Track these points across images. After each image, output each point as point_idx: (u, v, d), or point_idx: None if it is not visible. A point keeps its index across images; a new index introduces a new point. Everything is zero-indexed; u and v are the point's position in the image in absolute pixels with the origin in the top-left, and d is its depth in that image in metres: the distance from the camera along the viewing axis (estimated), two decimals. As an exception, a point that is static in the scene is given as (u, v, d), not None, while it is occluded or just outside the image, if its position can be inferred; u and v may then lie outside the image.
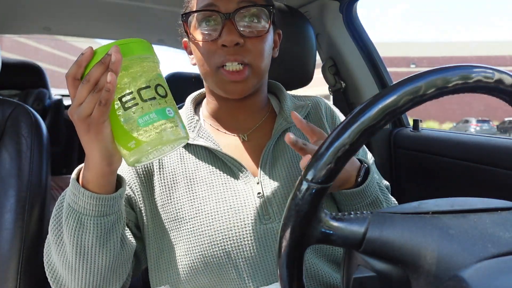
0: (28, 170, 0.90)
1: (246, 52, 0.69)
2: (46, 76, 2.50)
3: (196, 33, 0.72)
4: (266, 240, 0.69)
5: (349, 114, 0.41)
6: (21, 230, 0.87)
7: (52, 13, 1.74)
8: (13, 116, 0.93)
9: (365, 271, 0.41)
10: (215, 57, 0.69)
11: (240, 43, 0.68)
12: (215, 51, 0.69)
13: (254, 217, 0.70)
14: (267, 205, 0.71)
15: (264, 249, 0.69)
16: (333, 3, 1.31)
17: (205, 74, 0.73)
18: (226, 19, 0.68)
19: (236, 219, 0.70)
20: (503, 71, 0.40)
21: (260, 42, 0.71)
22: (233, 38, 0.67)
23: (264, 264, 0.69)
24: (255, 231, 0.69)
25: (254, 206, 0.70)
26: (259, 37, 0.70)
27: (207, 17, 0.70)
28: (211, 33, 0.70)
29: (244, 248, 0.69)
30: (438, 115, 31.19)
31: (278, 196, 0.72)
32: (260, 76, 0.73)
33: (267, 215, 0.70)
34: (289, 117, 0.78)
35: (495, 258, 0.37)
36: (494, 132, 20.24)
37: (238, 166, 0.73)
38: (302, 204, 0.41)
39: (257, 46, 0.70)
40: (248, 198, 0.71)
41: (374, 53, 1.35)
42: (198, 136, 0.75)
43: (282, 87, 0.87)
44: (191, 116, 0.78)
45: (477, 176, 1.01)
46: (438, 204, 0.43)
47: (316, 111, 0.85)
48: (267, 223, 0.70)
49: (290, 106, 0.81)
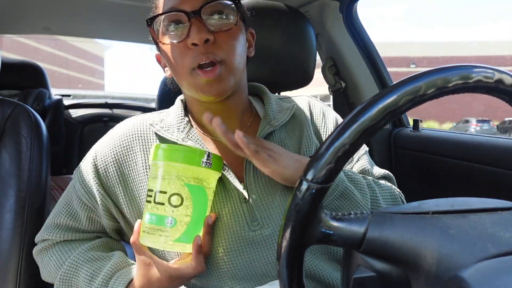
0: (28, 170, 0.90)
1: (217, 49, 0.67)
2: (46, 76, 2.50)
3: (165, 38, 0.70)
4: (257, 247, 0.69)
5: (349, 114, 0.41)
6: (21, 230, 0.87)
7: (52, 13, 1.74)
8: (13, 116, 0.92)
9: (365, 271, 0.41)
10: (187, 59, 0.67)
11: (210, 39, 0.66)
12: (186, 52, 0.67)
13: (242, 223, 0.69)
14: (254, 211, 0.70)
15: (256, 254, 0.69)
16: (333, 3, 1.31)
17: (180, 79, 0.71)
18: (193, 17, 0.66)
19: (224, 224, 0.69)
20: (503, 71, 0.40)
21: (231, 37, 0.69)
22: (202, 35, 0.65)
23: (256, 268, 0.69)
24: (244, 238, 0.69)
25: (241, 211, 0.70)
26: (228, 31, 0.68)
27: (173, 19, 0.68)
28: (180, 34, 0.68)
29: (235, 253, 0.68)
30: (438, 115, 31.18)
31: (264, 202, 0.71)
32: (235, 73, 0.70)
33: (256, 221, 0.70)
34: (272, 120, 0.77)
35: (495, 258, 0.37)
36: (494, 132, 20.24)
37: (225, 169, 0.71)
38: (302, 204, 0.41)
39: (228, 42, 0.68)
40: (235, 204, 0.70)
41: (374, 53, 1.35)
42: (187, 137, 0.73)
43: (266, 89, 0.85)
44: (181, 116, 0.76)
45: (477, 176, 1.01)
46: (438, 204, 0.43)
47: (301, 112, 0.83)
48: (256, 230, 0.69)
49: (274, 109, 0.80)
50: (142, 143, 0.74)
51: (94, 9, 1.67)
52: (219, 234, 0.69)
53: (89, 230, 0.77)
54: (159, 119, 0.77)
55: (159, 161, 0.63)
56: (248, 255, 0.68)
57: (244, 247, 0.69)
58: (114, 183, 0.73)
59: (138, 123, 0.76)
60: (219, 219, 0.70)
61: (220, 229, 0.69)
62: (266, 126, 0.76)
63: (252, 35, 0.80)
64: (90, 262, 0.72)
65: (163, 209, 0.62)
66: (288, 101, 0.86)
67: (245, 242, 0.69)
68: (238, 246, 0.69)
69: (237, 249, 0.69)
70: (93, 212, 0.75)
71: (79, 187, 0.75)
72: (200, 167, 0.63)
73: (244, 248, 0.69)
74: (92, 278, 0.70)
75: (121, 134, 0.75)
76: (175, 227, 0.62)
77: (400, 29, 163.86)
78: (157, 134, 0.75)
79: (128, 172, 0.73)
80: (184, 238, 0.63)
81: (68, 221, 0.76)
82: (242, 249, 0.69)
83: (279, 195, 0.72)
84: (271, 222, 0.70)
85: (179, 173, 0.62)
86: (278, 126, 0.77)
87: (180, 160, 0.62)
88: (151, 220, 0.62)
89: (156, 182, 0.63)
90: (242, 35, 0.72)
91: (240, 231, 0.69)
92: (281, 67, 1.04)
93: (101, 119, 2.80)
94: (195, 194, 0.63)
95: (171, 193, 0.62)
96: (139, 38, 2.07)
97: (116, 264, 0.71)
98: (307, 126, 0.81)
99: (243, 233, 0.69)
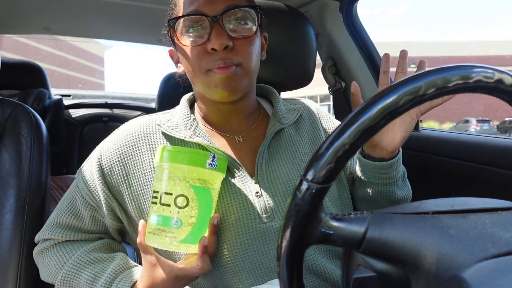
0: (28, 170, 0.90)
1: (235, 54, 0.68)
2: (46, 76, 2.50)
3: (184, 38, 0.71)
4: (267, 239, 0.70)
5: (349, 114, 0.41)
6: (21, 230, 0.87)
7: (52, 13, 1.74)
8: (13, 116, 0.92)
9: (365, 271, 0.41)
10: (204, 61, 0.68)
11: (230, 46, 0.67)
12: (204, 55, 0.68)
13: (253, 216, 0.70)
14: (266, 204, 0.71)
15: (265, 247, 0.69)
16: (333, 3, 1.31)
17: (195, 78, 0.72)
18: (214, 22, 0.67)
19: (234, 218, 0.70)
20: (503, 71, 0.40)
21: (249, 43, 0.70)
22: (222, 41, 0.66)
23: (264, 262, 0.69)
24: (255, 230, 0.70)
25: (252, 205, 0.71)
26: (247, 38, 0.70)
27: (194, 22, 0.69)
28: (199, 38, 0.69)
29: (244, 247, 0.69)
30: (438, 115, 31.17)
31: (276, 195, 0.72)
32: (250, 76, 0.72)
33: (267, 214, 0.71)
34: (282, 118, 0.79)
35: (495, 258, 0.37)
36: (494, 132, 20.23)
37: (235, 164, 0.73)
38: (302, 204, 0.41)
39: (246, 48, 0.70)
40: (246, 197, 0.71)
41: (374, 53, 1.35)
42: (194, 134, 0.74)
43: (274, 90, 0.87)
44: (187, 114, 0.77)
45: (477, 176, 1.01)
46: (438, 204, 0.43)
47: (309, 113, 0.86)
48: (267, 222, 0.70)
49: (282, 109, 0.82)
50: (149, 143, 0.74)
51: (94, 9, 1.67)
52: (229, 229, 0.70)
53: (92, 230, 0.77)
54: (166, 119, 0.77)
55: (164, 162, 0.63)
56: (256, 248, 0.69)
57: (254, 240, 0.69)
58: (119, 183, 0.73)
59: (144, 123, 0.77)
60: (230, 214, 0.70)
61: (230, 224, 0.70)
62: (276, 124, 0.78)
63: (265, 39, 0.82)
64: (92, 264, 0.72)
65: (168, 210, 0.62)
66: (293, 102, 0.88)
67: (255, 234, 0.69)
68: (248, 239, 0.69)
69: (247, 243, 0.69)
70: (96, 212, 0.76)
71: (83, 186, 0.75)
72: (205, 169, 0.63)
73: (254, 241, 0.69)
74: (94, 280, 0.70)
75: (127, 134, 0.76)
76: (181, 228, 0.63)
77: (400, 29, 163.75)
78: (164, 133, 0.75)
79: (134, 171, 0.73)
80: (189, 239, 0.63)
81: (71, 221, 0.76)
82: (251, 242, 0.69)
83: (290, 188, 0.73)
84: (282, 215, 0.71)
85: (184, 174, 0.63)
86: (288, 124, 0.79)
87: (185, 161, 0.62)
88: (157, 221, 0.63)
89: (162, 184, 0.63)
90: (259, 40, 0.74)
91: (251, 224, 0.70)
92: (281, 67, 1.04)
93: (101, 119, 2.80)
94: (200, 195, 0.64)
95: (177, 194, 0.62)
96: (139, 38, 2.07)
97: (118, 266, 0.71)
98: (315, 125, 0.84)
99: (254, 226, 0.70)
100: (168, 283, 0.65)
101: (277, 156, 0.76)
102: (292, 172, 0.75)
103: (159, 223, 0.63)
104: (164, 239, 0.62)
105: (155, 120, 0.77)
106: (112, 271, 0.70)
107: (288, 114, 0.82)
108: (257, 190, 0.72)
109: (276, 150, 0.77)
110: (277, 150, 0.77)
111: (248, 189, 0.72)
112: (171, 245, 0.63)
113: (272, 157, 0.76)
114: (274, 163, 0.75)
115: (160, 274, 0.66)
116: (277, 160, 0.76)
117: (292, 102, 0.88)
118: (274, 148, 0.77)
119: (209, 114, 0.79)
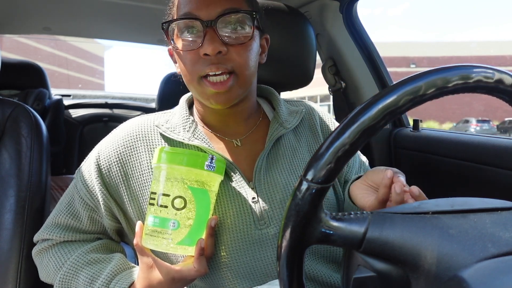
0: (28, 170, 0.90)
1: (230, 60, 0.66)
2: (46, 76, 2.50)
3: (178, 41, 0.69)
4: (263, 245, 0.69)
5: (349, 114, 0.41)
6: (21, 230, 0.87)
7: (52, 13, 1.74)
8: (13, 116, 0.92)
9: (365, 271, 0.41)
10: (198, 67, 0.67)
11: (223, 51, 0.65)
12: (197, 60, 0.66)
13: (249, 222, 0.69)
14: (262, 210, 0.70)
15: (261, 253, 0.69)
16: (333, 3, 1.31)
17: (189, 84, 0.71)
18: (208, 27, 0.65)
19: (231, 222, 0.69)
20: (503, 71, 0.40)
21: (245, 49, 0.68)
22: (215, 46, 0.64)
23: (260, 267, 0.69)
24: (251, 236, 0.69)
25: (248, 211, 0.70)
26: (243, 44, 0.67)
27: (188, 26, 0.67)
28: (193, 42, 0.67)
29: (240, 251, 0.69)
30: (438, 115, 31.18)
31: (274, 201, 0.71)
32: (245, 85, 0.70)
33: (262, 220, 0.70)
34: (284, 122, 0.78)
35: (495, 258, 0.37)
36: (494, 132, 20.23)
37: (232, 168, 0.72)
38: (302, 204, 0.41)
39: (241, 54, 0.67)
40: (242, 202, 0.70)
41: (374, 53, 1.35)
42: (193, 136, 0.73)
43: (275, 92, 0.85)
44: (186, 116, 0.76)
45: (477, 176, 1.00)
46: (438, 204, 0.43)
47: (310, 117, 0.84)
48: (262, 228, 0.70)
49: (284, 112, 0.80)
50: (147, 143, 0.74)
51: (94, 9, 1.67)
52: (225, 233, 0.69)
53: (90, 230, 0.77)
54: (164, 120, 0.76)
55: (163, 164, 0.63)
56: (252, 254, 0.69)
57: (249, 246, 0.69)
58: (117, 183, 0.73)
59: (142, 124, 0.76)
60: (226, 218, 0.70)
61: (226, 228, 0.69)
62: (279, 128, 0.76)
63: (266, 41, 0.79)
64: (90, 264, 0.72)
65: (166, 212, 0.62)
66: (295, 104, 0.87)
67: (250, 240, 0.69)
68: (243, 244, 0.69)
69: (242, 248, 0.69)
70: (94, 212, 0.75)
71: (81, 187, 0.75)
72: (203, 170, 0.63)
73: (249, 247, 0.69)
74: (92, 282, 0.70)
75: (125, 134, 0.75)
76: (178, 230, 0.62)
77: (400, 29, 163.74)
78: (162, 135, 0.75)
79: (132, 172, 0.73)
80: (186, 241, 0.63)
81: (69, 221, 0.76)
82: (247, 248, 0.69)
83: (288, 195, 0.72)
84: (278, 221, 0.70)
85: (182, 176, 0.62)
86: (290, 128, 0.78)
87: (184, 163, 0.62)
88: (154, 223, 0.62)
89: (159, 185, 0.63)
90: (256, 44, 0.72)
91: (246, 229, 0.69)
92: (281, 67, 1.04)
93: (101, 119, 2.79)
94: (198, 197, 0.63)
95: (174, 196, 0.62)
96: (139, 38, 2.07)
97: (116, 267, 0.71)
98: (315, 129, 0.83)
99: (250, 232, 0.69)
100: (165, 285, 0.65)
101: (276, 162, 0.75)
102: (290, 178, 0.74)
103: (156, 224, 0.62)
104: (161, 240, 0.62)
105: (154, 121, 0.76)
106: (109, 272, 0.70)
107: (290, 117, 0.80)
108: (254, 196, 0.71)
109: (275, 156, 0.76)
110: (276, 156, 0.76)
111: (245, 194, 0.71)
112: (168, 247, 0.62)
113: (270, 164, 0.75)
114: (273, 169, 0.74)
115: (157, 276, 0.65)
116: (276, 166, 0.75)
117: (294, 103, 0.87)
118: (273, 154, 0.76)
119: (207, 116, 0.78)
